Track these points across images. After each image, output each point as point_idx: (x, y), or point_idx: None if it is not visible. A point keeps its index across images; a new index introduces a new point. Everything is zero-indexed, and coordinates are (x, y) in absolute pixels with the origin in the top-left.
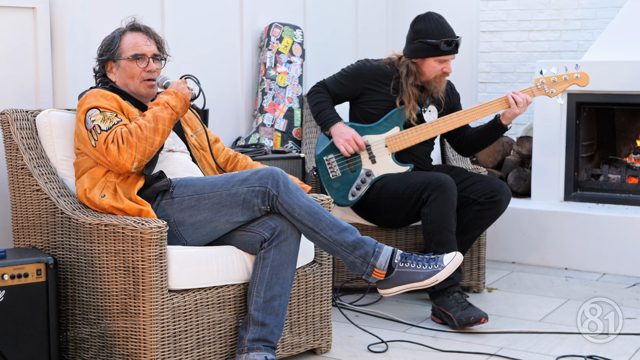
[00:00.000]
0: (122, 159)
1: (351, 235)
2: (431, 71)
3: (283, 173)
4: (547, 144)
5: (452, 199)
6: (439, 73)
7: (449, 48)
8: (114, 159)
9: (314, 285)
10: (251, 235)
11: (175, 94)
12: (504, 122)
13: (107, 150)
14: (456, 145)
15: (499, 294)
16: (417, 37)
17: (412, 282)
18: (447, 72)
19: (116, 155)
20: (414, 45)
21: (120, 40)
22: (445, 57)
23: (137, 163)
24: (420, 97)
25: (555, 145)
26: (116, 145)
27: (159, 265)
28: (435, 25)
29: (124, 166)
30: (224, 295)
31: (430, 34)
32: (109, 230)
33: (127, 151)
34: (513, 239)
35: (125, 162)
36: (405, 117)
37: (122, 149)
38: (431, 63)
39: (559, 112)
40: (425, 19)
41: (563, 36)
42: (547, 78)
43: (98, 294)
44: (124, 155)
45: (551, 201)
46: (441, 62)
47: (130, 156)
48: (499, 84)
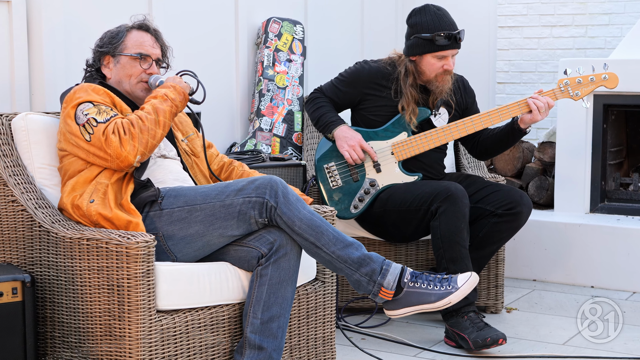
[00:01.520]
0: (125, 150)
1: (356, 251)
2: (430, 69)
3: (282, 182)
4: (572, 150)
5: (463, 211)
6: (440, 71)
7: (446, 42)
8: (115, 151)
9: (316, 305)
10: (247, 251)
11: (173, 87)
12: (522, 127)
13: (107, 141)
14: (470, 149)
15: (519, 314)
16: (412, 32)
17: (422, 303)
18: (448, 70)
19: (118, 147)
20: (410, 41)
21: (125, 35)
22: (443, 52)
23: (140, 156)
24: (422, 99)
25: (581, 152)
26: (117, 136)
27: (146, 283)
28: (431, 17)
29: (126, 159)
30: (218, 316)
31: (425, 27)
32: (91, 245)
33: (130, 142)
34: (534, 254)
35: (128, 154)
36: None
37: (124, 139)
38: (429, 60)
39: (584, 115)
40: (421, 11)
41: (589, 32)
42: (571, 79)
43: (80, 314)
44: (126, 147)
45: (576, 213)
46: (440, 59)
47: (133, 148)
48: (519, 85)
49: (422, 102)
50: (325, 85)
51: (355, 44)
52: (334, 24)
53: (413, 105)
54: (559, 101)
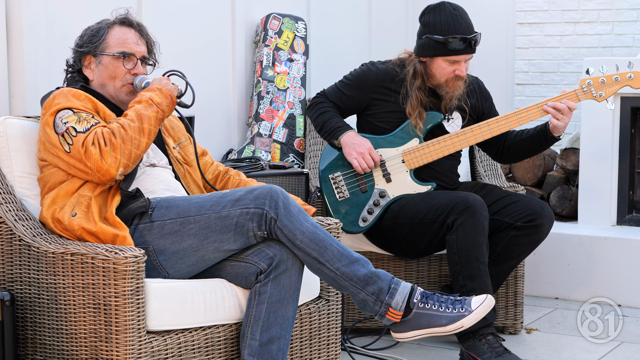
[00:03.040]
0: (106, 163)
1: (363, 267)
2: (441, 73)
3: (283, 192)
4: (597, 157)
5: (482, 223)
6: (451, 76)
7: (460, 47)
8: (96, 164)
9: (319, 326)
10: (245, 266)
11: (159, 90)
12: (555, 135)
13: (87, 154)
14: (495, 155)
15: (540, 335)
16: (424, 32)
17: (433, 326)
18: (460, 76)
19: (98, 160)
20: (421, 41)
21: (106, 32)
22: (456, 57)
23: (122, 169)
24: (431, 103)
25: (607, 159)
26: (97, 147)
27: (136, 301)
28: (445, 18)
29: (107, 172)
30: (213, 338)
31: (439, 28)
32: (76, 261)
33: (111, 154)
34: (556, 270)
35: (109, 167)
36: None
37: (104, 151)
38: (440, 64)
39: (610, 119)
40: (435, 9)
41: (615, 29)
42: (594, 79)
43: (63, 336)
44: (107, 160)
45: (602, 225)
46: (452, 63)
47: (115, 160)
48: (539, 86)
49: (432, 106)
50: (329, 89)
51: (362, 41)
52: (339, 20)
53: (420, 109)
54: (583, 104)
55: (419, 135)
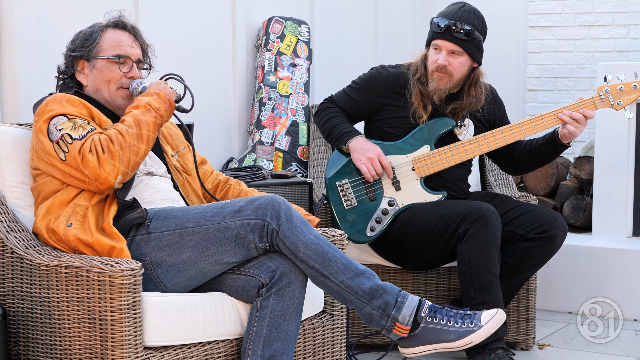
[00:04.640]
0: (104, 171)
1: (368, 280)
2: (429, 63)
3: (285, 202)
4: (612, 166)
5: (495, 234)
6: (433, 66)
7: (437, 30)
8: (94, 172)
9: (323, 341)
10: (246, 280)
11: (157, 94)
12: (564, 142)
13: (84, 161)
14: (504, 166)
15: (553, 351)
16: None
17: (441, 342)
18: (440, 66)
19: (96, 168)
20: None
21: (100, 35)
22: (436, 41)
23: (121, 176)
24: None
25: (622, 168)
26: (95, 155)
27: (132, 316)
28: (451, 7)
29: (105, 180)
30: (213, 354)
31: (438, 14)
32: (70, 274)
33: (109, 162)
34: (570, 283)
35: (107, 175)
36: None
37: (102, 159)
38: (430, 52)
39: (626, 127)
40: (453, 2)
41: (631, 32)
42: (612, 86)
43: (57, 351)
44: (105, 167)
45: (617, 237)
46: (436, 51)
47: (113, 168)
48: (552, 92)
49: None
50: (337, 94)
51: (368, 46)
52: (344, 23)
53: (421, 98)
54: (598, 111)
55: (430, 142)
